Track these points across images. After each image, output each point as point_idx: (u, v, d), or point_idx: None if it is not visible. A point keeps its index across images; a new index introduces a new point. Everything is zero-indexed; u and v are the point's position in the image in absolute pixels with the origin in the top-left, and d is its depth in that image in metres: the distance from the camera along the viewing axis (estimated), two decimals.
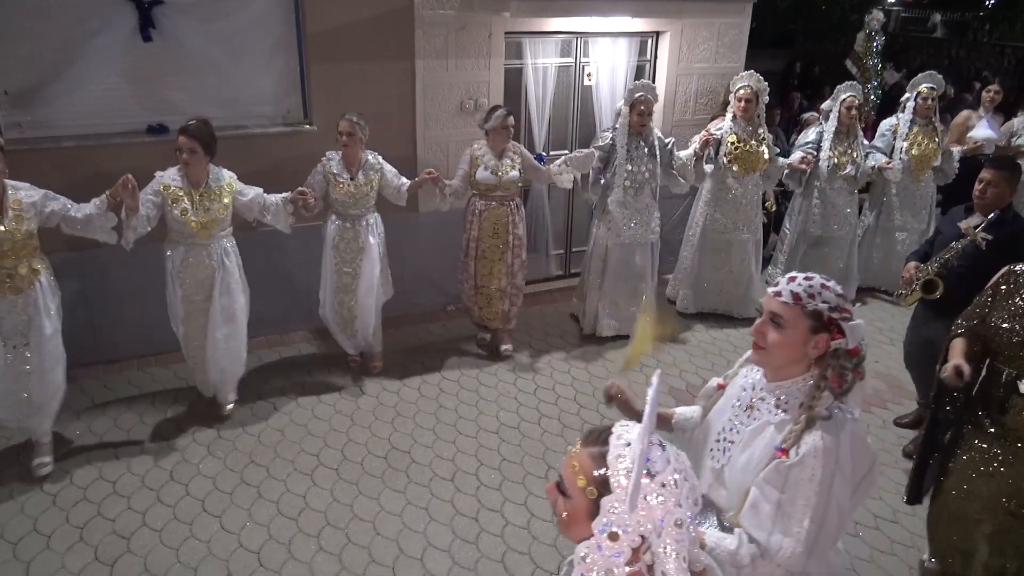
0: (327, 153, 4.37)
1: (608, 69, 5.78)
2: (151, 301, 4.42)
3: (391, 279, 4.76)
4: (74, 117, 4.43)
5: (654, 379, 1.34)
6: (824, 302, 1.78)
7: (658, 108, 6.06)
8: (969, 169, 5.76)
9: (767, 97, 5.28)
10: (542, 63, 5.59)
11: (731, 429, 1.94)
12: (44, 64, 4.23)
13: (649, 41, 5.93)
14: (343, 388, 4.64)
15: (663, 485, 1.24)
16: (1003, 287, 2.74)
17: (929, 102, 5.59)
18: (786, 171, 5.57)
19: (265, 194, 4.11)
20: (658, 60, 5.97)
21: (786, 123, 7.17)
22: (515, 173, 4.69)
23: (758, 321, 1.86)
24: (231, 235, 4.07)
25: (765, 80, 5.27)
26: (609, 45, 5.73)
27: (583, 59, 5.74)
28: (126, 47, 4.36)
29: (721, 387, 2.08)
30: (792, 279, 1.83)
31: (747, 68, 6.63)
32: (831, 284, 1.81)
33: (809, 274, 1.83)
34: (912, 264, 3.85)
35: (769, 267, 6.19)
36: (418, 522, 3.55)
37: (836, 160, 5.57)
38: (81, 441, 4.05)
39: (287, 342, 5.17)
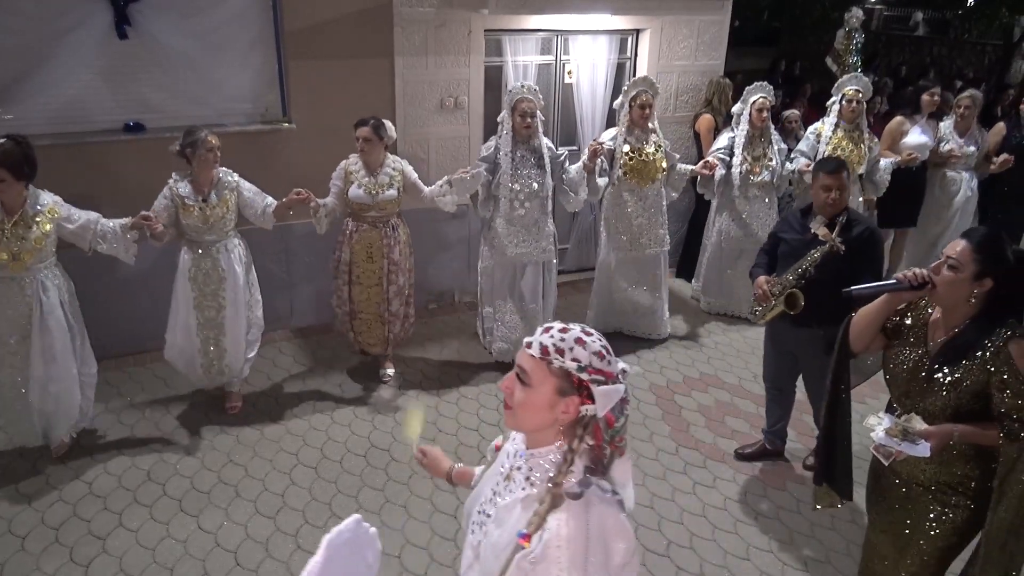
0: (173, 174, 3.92)
1: (589, 67, 5.79)
2: (136, 298, 4.39)
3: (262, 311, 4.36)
4: (50, 115, 4.40)
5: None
6: (574, 360, 1.49)
7: None
8: (898, 176, 5.52)
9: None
10: (522, 61, 5.59)
11: (490, 500, 1.66)
12: (18, 61, 4.19)
13: (629, 39, 5.95)
14: (323, 386, 4.63)
15: None
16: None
17: (855, 105, 5.18)
18: (698, 179, 5.32)
19: (104, 220, 3.68)
20: (638, 58, 5.99)
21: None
22: (393, 192, 4.25)
23: (507, 376, 1.59)
24: (53, 266, 3.64)
25: (751, 79, 5.22)
26: (589, 43, 5.74)
27: (563, 57, 5.75)
28: (102, 44, 4.33)
29: (498, 448, 1.83)
30: (547, 329, 1.55)
31: (732, 67, 6.67)
32: (590, 338, 1.52)
33: (570, 325, 1.55)
34: (762, 279, 3.61)
35: (693, 282, 5.99)
36: (396, 519, 3.54)
37: (748, 166, 5.29)
38: None
39: (267, 341, 5.12)
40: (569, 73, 5.81)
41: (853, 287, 2.45)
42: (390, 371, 4.77)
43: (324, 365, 4.87)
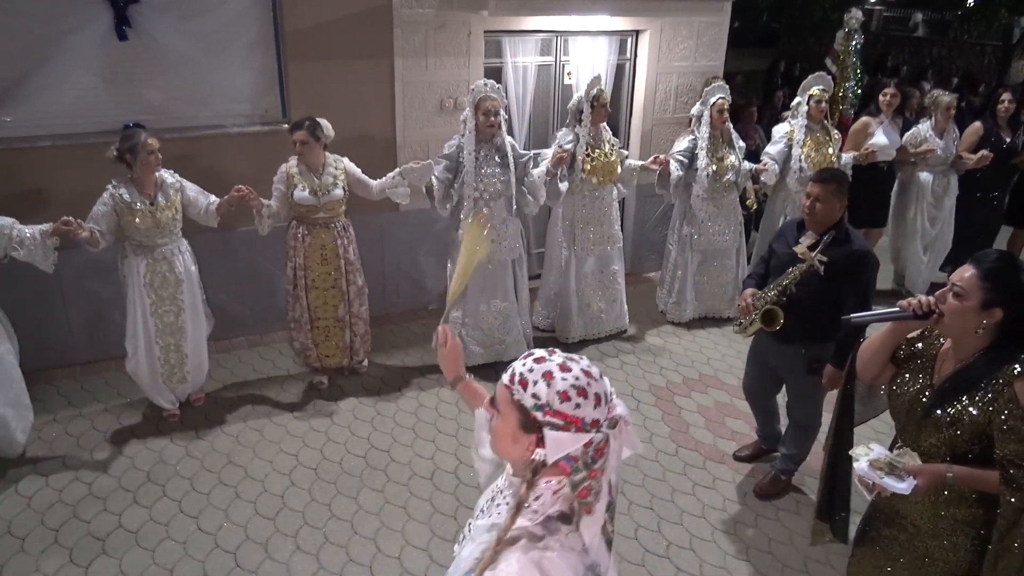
0: (112, 181, 3.81)
1: (588, 68, 5.78)
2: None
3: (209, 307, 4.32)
4: (49, 116, 4.40)
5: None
6: (534, 395, 1.35)
7: (638, 107, 6.11)
8: (865, 177, 5.59)
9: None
10: (522, 62, 5.59)
11: (477, 516, 1.56)
12: (17, 63, 4.19)
13: (629, 40, 5.95)
14: (323, 387, 4.63)
15: None
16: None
17: (822, 104, 5.25)
18: (657, 179, 5.28)
19: (19, 225, 3.51)
20: (638, 59, 5.99)
21: (769, 122, 7.20)
22: (339, 191, 4.23)
23: (489, 397, 1.51)
24: None
25: (751, 79, 5.21)
26: (589, 44, 5.75)
27: (563, 58, 5.75)
28: (101, 46, 4.32)
29: None
30: (528, 355, 1.43)
31: (732, 68, 6.66)
32: (564, 374, 1.36)
33: (554, 356, 1.41)
34: (749, 291, 3.54)
35: (658, 289, 5.86)
36: (396, 521, 3.55)
37: (715, 167, 5.25)
38: (57, 443, 4.02)
39: (267, 342, 5.15)
40: (569, 74, 5.81)
41: (853, 315, 2.30)
42: (364, 362, 4.78)
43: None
